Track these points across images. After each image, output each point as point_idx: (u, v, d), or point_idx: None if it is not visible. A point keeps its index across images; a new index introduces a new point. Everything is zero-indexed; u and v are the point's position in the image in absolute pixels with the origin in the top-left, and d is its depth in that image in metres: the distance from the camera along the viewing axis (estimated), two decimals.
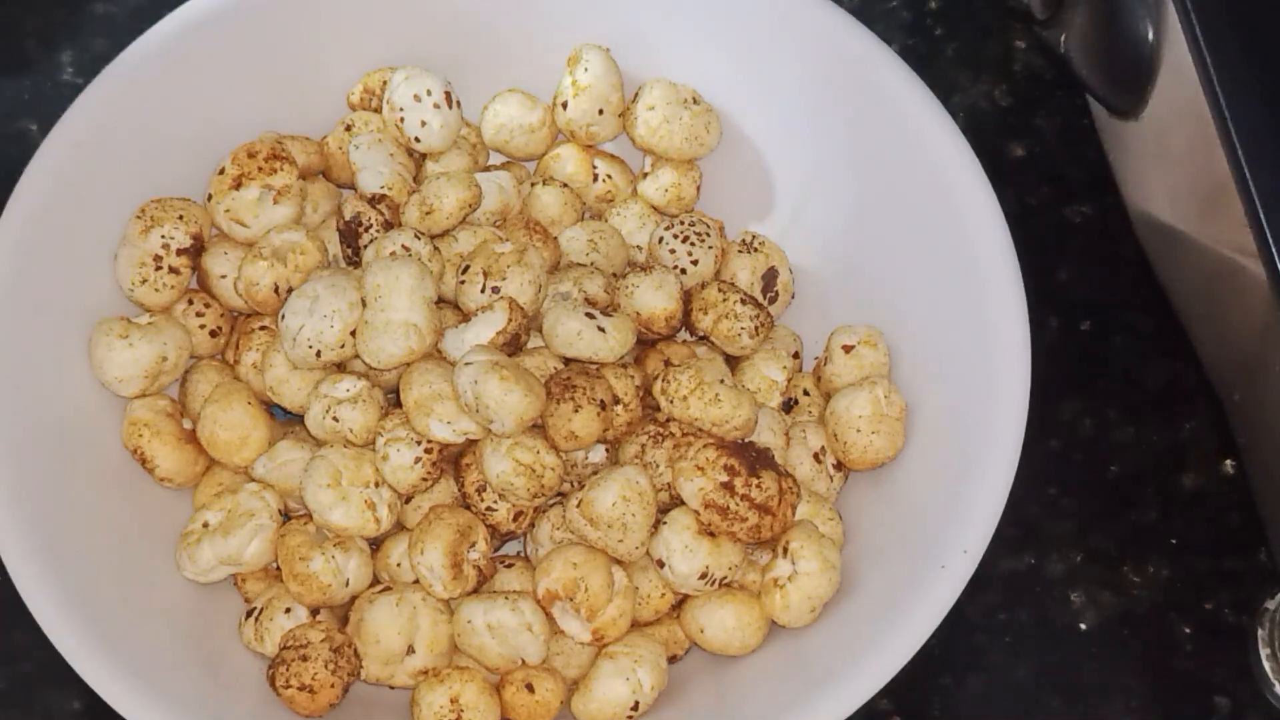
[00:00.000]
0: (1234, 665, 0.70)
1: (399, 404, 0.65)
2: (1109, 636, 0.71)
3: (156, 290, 0.68)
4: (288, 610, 0.65)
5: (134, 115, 0.69)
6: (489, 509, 0.65)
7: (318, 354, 0.65)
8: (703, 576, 0.64)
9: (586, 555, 0.63)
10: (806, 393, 0.69)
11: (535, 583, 0.64)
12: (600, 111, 0.72)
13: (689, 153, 0.72)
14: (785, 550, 0.64)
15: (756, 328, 0.68)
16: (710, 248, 0.70)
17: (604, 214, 0.73)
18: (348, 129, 0.72)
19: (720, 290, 0.68)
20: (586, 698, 0.63)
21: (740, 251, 0.71)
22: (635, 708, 0.63)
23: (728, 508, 0.63)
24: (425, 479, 0.65)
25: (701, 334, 0.69)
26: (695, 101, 0.72)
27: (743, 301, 0.68)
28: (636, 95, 0.72)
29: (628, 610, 0.64)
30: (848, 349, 0.68)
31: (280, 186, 0.68)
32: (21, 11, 0.82)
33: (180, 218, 0.68)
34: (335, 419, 0.65)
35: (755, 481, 0.63)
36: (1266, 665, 0.68)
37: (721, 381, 0.65)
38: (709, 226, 0.71)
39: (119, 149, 0.69)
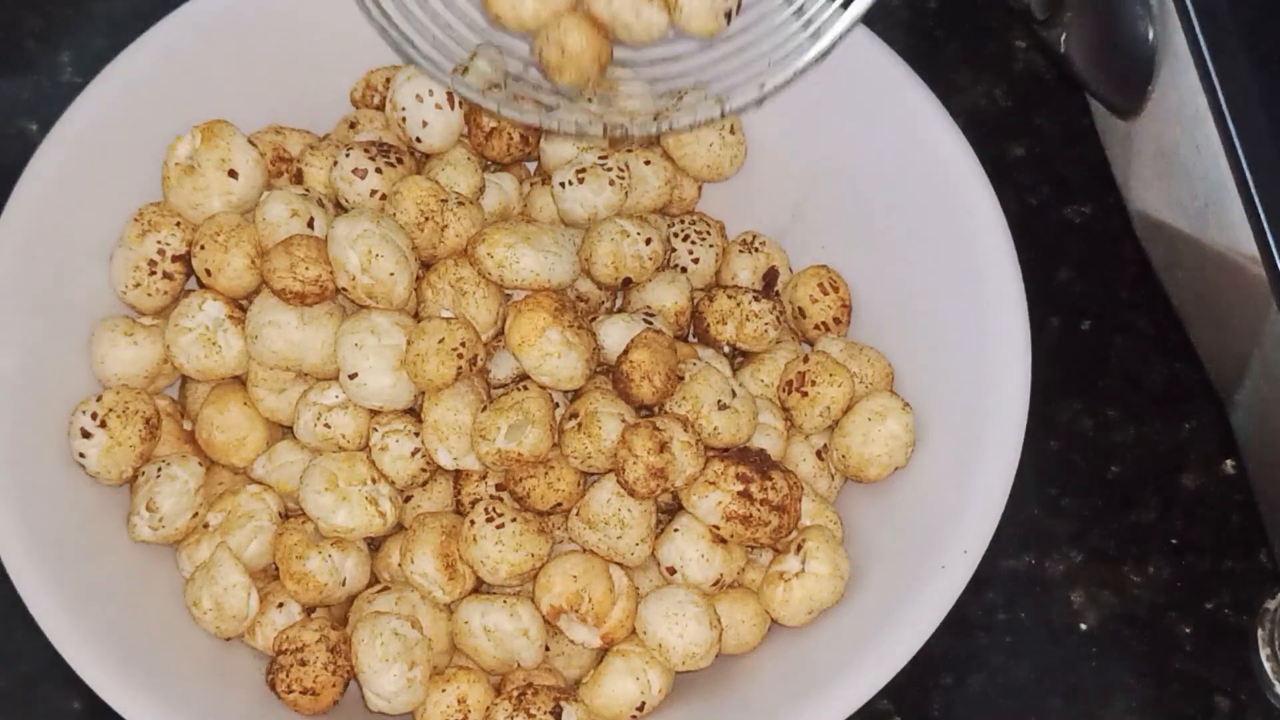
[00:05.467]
0: (1234, 665, 0.70)
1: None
2: (1109, 636, 0.71)
3: (149, 295, 0.68)
4: (280, 605, 0.65)
5: (134, 115, 0.69)
6: None
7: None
8: (716, 583, 0.64)
9: (584, 564, 0.63)
10: (806, 393, 0.69)
11: (537, 599, 0.64)
12: None
13: (703, 176, 0.72)
14: (799, 548, 0.64)
15: (778, 318, 0.68)
16: (711, 246, 0.70)
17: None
18: (351, 126, 0.72)
19: (729, 295, 0.68)
20: (595, 691, 0.63)
21: (740, 251, 0.71)
22: (641, 708, 0.63)
23: (749, 515, 0.63)
24: (424, 469, 0.65)
25: (726, 343, 0.69)
26: (731, 131, 0.71)
27: (755, 299, 0.68)
28: (680, 96, 0.71)
29: (632, 610, 0.64)
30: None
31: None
32: (21, 11, 0.82)
33: (178, 224, 0.68)
34: (326, 425, 0.65)
35: (769, 484, 0.63)
36: (1266, 665, 0.68)
37: (719, 404, 0.65)
38: (709, 226, 0.71)
39: (119, 149, 0.69)
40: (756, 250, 0.71)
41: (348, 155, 0.67)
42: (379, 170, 0.67)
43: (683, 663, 0.63)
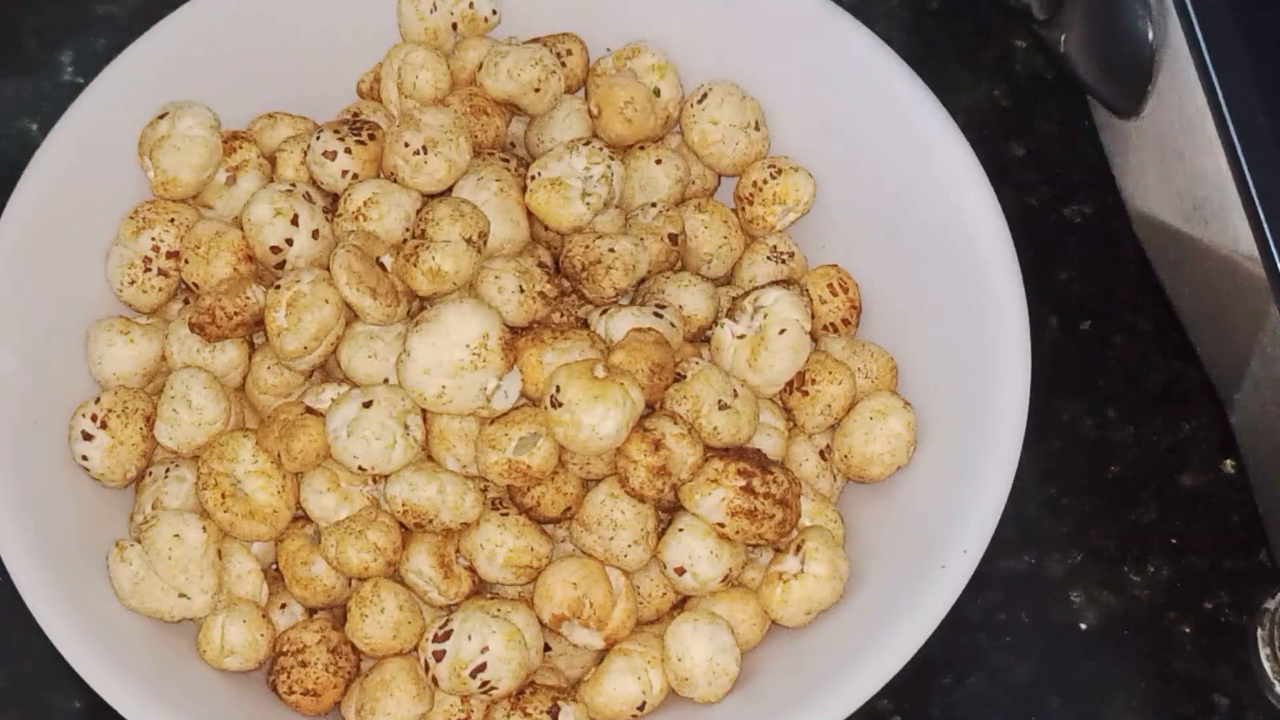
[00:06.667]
0: (1234, 665, 0.70)
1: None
2: (1109, 636, 0.71)
3: (144, 292, 0.68)
4: (283, 606, 0.65)
5: (134, 115, 0.69)
6: None
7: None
8: (724, 579, 0.64)
9: (582, 570, 0.63)
10: (807, 393, 0.69)
11: (538, 609, 0.63)
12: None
13: (729, 172, 0.71)
14: (798, 548, 0.64)
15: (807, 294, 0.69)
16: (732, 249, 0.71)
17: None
18: (355, 116, 0.71)
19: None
20: (596, 690, 0.63)
21: (767, 258, 0.71)
22: (642, 708, 0.63)
23: (755, 509, 0.63)
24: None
25: None
26: (756, 127, 0.71)
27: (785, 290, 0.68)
28: (704, 96, 0.70)
29: (633, 610, 0.64)
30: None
31: (238, 163, 0.68)
32: (22, 11, 0.82)
33: (172, 220, 0.68)
34: None
35: (770, 478, 0.63)
36: (1266, 665, 0.68)
37: (719, 403, 0.65)
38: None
39: (119, 149, 0.69)
40: (782, 262, 0.71)
41: (319, 138, 0.67)
42: (349, 150, 0.67)
43: (704, 696, 0.63)
